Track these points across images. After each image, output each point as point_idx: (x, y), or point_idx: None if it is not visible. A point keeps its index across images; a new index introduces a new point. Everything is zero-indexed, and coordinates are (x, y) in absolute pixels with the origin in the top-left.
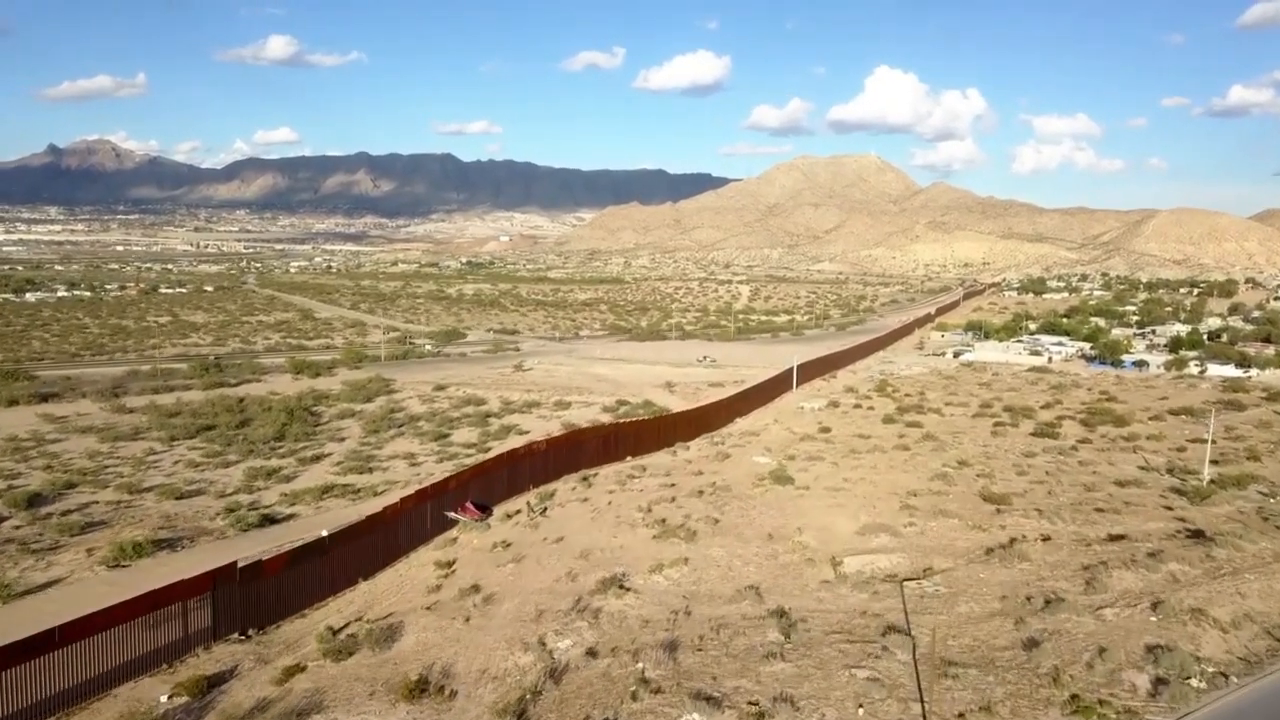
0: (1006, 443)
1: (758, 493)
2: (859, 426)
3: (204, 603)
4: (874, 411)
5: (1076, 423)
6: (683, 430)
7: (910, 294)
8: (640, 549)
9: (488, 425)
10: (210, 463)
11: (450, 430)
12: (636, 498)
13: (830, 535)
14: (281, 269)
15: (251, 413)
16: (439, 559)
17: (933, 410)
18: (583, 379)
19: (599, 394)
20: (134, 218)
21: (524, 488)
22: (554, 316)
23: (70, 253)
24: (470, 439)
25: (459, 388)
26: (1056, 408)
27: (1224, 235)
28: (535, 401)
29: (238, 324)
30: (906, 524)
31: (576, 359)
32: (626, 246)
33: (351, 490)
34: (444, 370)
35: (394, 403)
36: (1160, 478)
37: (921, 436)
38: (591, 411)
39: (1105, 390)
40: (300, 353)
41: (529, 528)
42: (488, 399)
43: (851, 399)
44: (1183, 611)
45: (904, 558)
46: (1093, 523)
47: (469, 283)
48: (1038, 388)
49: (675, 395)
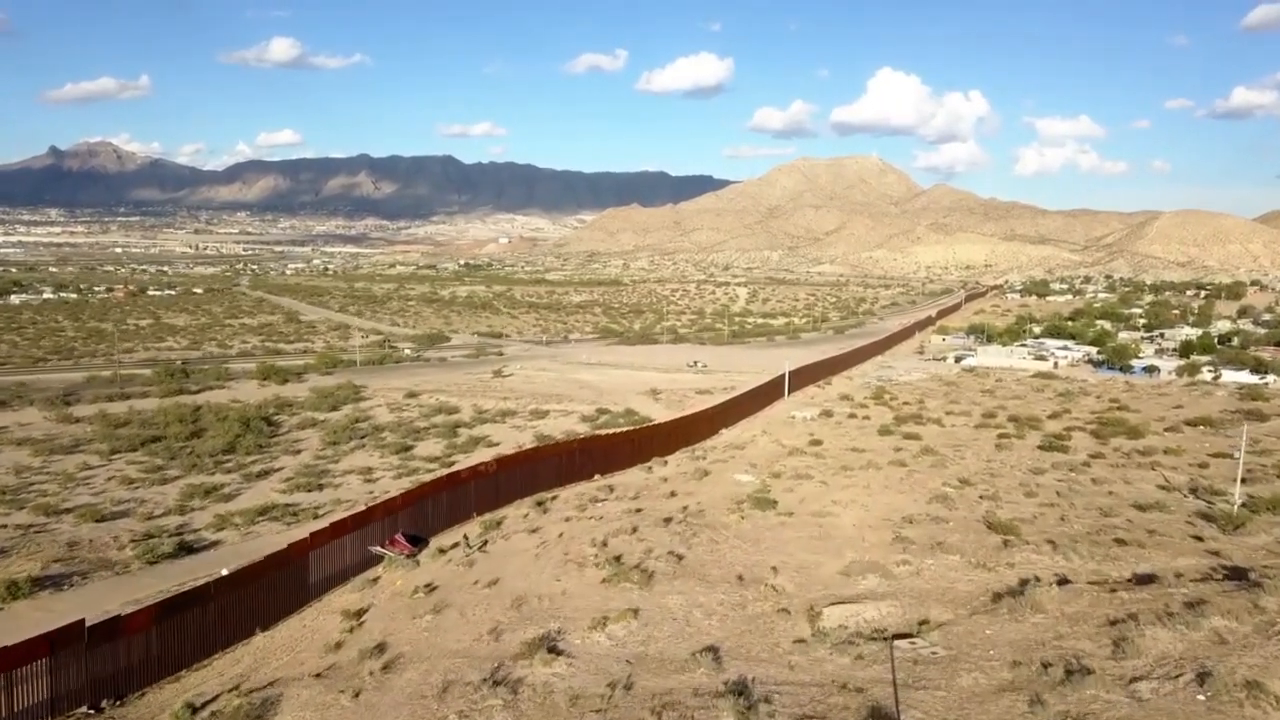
0: (1012, 458)
1: (733, 520)
2: (853, 439)
3: (45, 669)
4: (869, 422)
5: (1087, 434)
6: (661, 444)
7: (911, 296)
8: (585, 596)
9: (455, 437)
10: (147, 479)
11: (415, 442)
12: (594, 528)
13: (811, 576)
14: (278, 271)
15: (206, 422)
16: (349, 606)
17: (932, 420)
18: (564, 385)
19: (579, 402)
20: (134, 220)
21: (467, 516)
22: (546, 319)
23: (68, 254)
24: (435, 452)
25: (432, 395)
26: (1065, 417)
27: (1228, 237)
28: (511, 410)
29: (219, 327)
30: (899, 561)
31: (561, 364)
32: (626, 248)
33: (292, 512)
34: (420, 376)
35: (360, 411)
36: (1184, 500)
37: (920, 450)
38: (569, 421)
39: (1115, 398)
40: (277, 357)
41: (463, 566)
42: (461, 407)
43: (846, 408)
44: (1236, 686)
45: (895, 606)
46: (1114, 558)
47: (464, 285)
48: (1044, 395)
49: (660, 403)
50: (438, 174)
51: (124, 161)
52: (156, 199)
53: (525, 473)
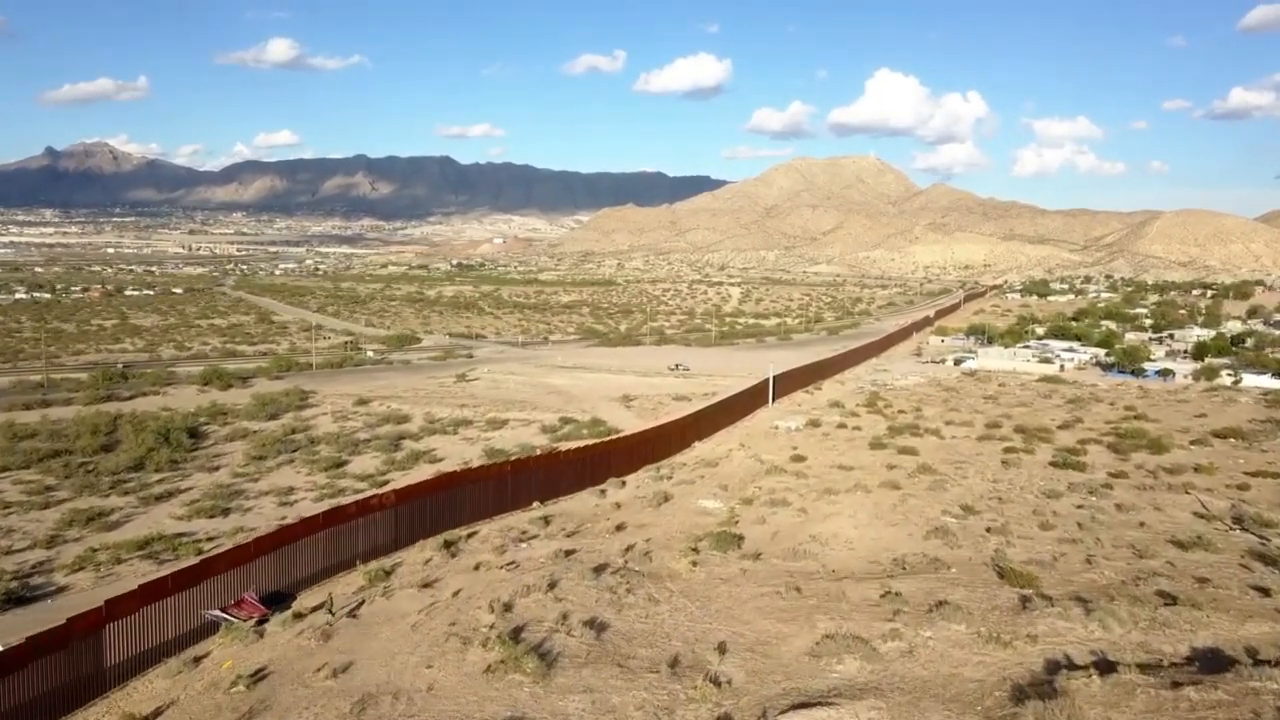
0: (1021, 477)
1: (684, 567)
2: (841, 453)
3: None
4: (861, 433)
5: (1104, 448)
6: (621, 461)
7: (909, 296)
8: (457, 695)
9: (397, 451)
10: (29, 502)
11: (352, 457)
12: (503, 581)
13: (769, 657)
14: (267, 271)
15: (124, 433)
16: (138, 709)
17: (930, 431)
18: (531, 391)
19: (543, 410)
20: (129, 220)
21: (351, 563)
22: (529, 320)
23: (58, 255)
24: (370, 468)
25: (384, 402)
26: (1077, 428)
27: (1229, 237)
28: (466, 420)
29: (186, 328)
30: (888, 632)
31: (533, 366)
32: (621, 249)
33: (178, 544)
34: (378, 380)
35: (300, 421)
36: (1230, 534)
37: (916, 468)
38: (528, 432)
39: (1131, 405)
40: (233, 359)
41: (316, 640)
42: (413, 415)
43: (836, 416)
44: None
45: (880, 711)
46: (1164, 625)
47: (452, 285)
48: (1052, 402)
49: (632, 411)
50: (435, 175)
51: (120, 162)
52: (153, 200)
53: (441, 503)
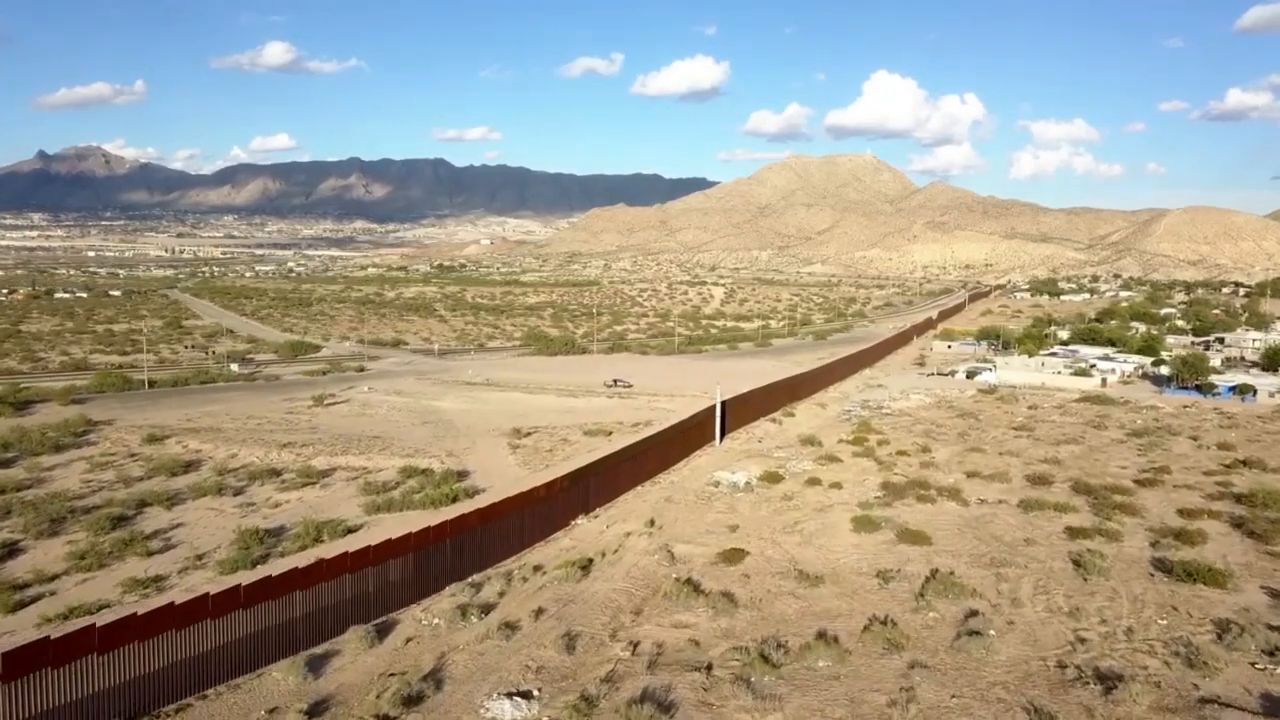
0: (1120, 603)
1: None
2: (806, 538)
3: None
4: (841, 493)
5: (1223, 523)
6: (417, 578)
7: (907, 296)
8: None
9: (109, 531)
10: None
11: (35, 541)
12: None
13: None
14: (239, 274)
15: None
16: None
17: (945, 491)
18: (402, 419)
19: (394, 452)
20: (117, 224)
21: None
22: (480, 323)
23: (28, 259)
24: (48, 566)
25: (189, 438)
26: (1165, 483)
27: (1240, 234)
28: (276, 468)
29: (77, 333)
30: None
31: (430, 384)
32: (609, 249)
33: None
34: (214, 405)
35: (37, 471)
36: None
37: (926, 576)
38: (346, 493)
39: (1225, 443)
40: (78, 374)
41: None
42: (210, 459)
43: (807, 462)
44: None
45: None
46: None
47: (420, 286)
48: (1109, 435)
49: (518, 454)
50: (430, 177)
51: (112, 165)
52: (145, 202)
53: None
